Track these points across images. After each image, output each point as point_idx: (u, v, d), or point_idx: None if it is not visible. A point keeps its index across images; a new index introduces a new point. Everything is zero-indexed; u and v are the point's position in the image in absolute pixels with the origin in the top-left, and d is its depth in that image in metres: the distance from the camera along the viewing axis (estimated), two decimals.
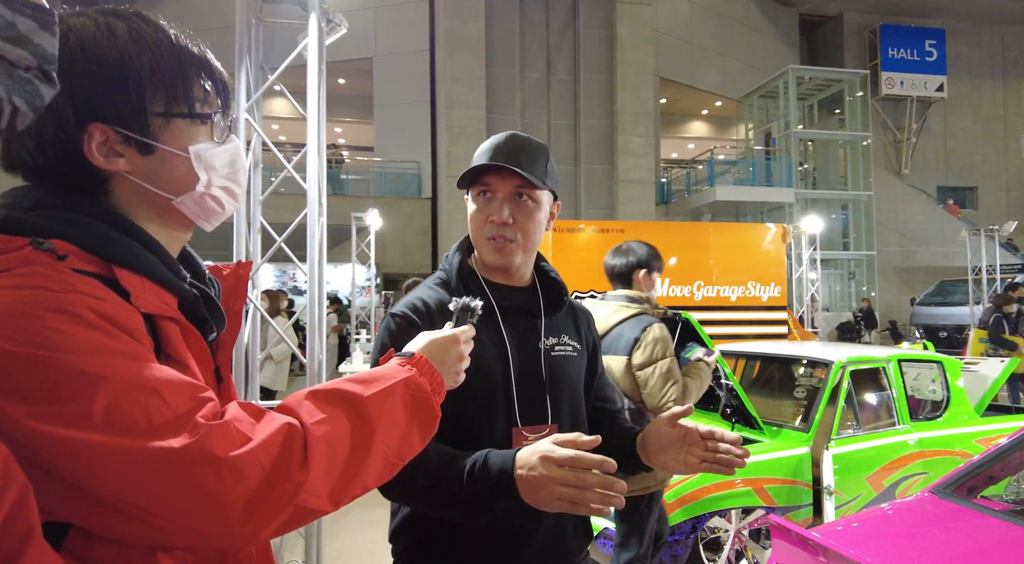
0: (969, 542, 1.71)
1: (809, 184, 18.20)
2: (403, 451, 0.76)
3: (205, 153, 0.75)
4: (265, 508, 0.61)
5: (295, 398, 0.72)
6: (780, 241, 7.20)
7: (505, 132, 1.25)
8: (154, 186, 0.73)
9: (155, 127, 0.72)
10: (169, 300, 0.72)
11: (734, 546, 3.25)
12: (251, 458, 0.61)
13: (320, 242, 2.44)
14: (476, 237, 1.22)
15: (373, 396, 0.74)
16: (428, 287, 1.24)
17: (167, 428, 0.59)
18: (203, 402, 0.63)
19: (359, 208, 9.44)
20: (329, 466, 0.66)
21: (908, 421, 3.78)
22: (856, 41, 20.92)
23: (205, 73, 0.76)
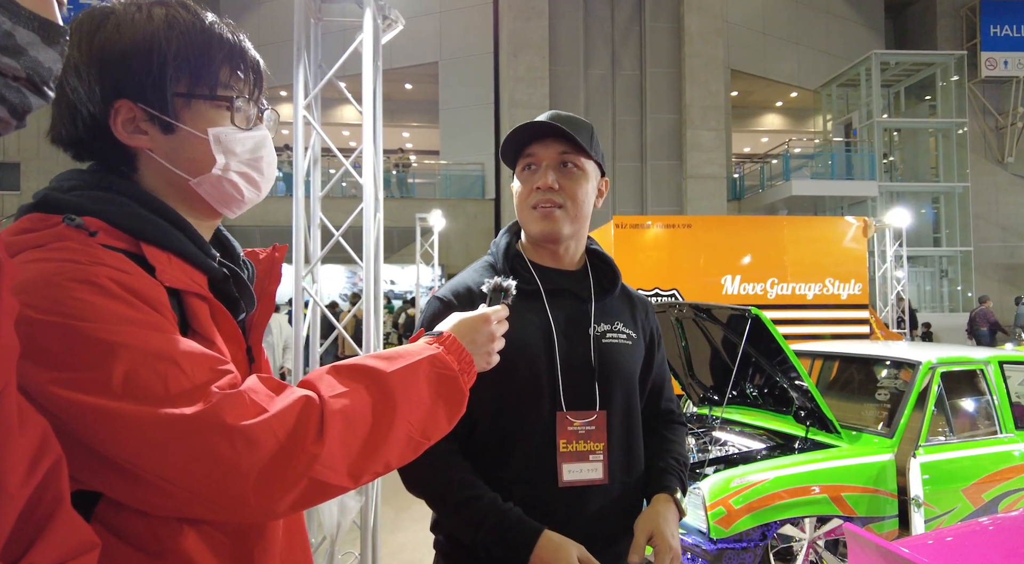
0: None
1: (894, 177, 17.04)
2: (428, 430, 0.75)
3: (225, 136, 0.76)
4: (279, 479, 0.61)
5: (317, 373, 0.72)
6: (861, 236, 6.75)
7: (553, 111, 1.23)
8: (173, 165, 0.75)
9: (176, 107, 0.74)
10: (198, 278, 0.73)
11: (808, 557, 3.04)
12: (265, 428, 0.61)
13: (376, 238, 2.46)
14: (521, 210, 1.20)
15: (396, 372, 0.73)
16: (473, 271, 1.22)
17: (183, 397, 0.60)
18: (221, 374, 0.64)
19: (426, 210, 9.64)
20: (347, 440, 0.66)
21: (1013, 430, 3.44)
22: (951, 21, 19.36)
23: (236, 59, 0.77)
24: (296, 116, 2.35)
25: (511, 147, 1.19)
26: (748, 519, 2.85)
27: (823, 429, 3.33)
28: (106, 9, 0.73)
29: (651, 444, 1.26)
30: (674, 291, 6.22)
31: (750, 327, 3.38)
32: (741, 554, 2.84)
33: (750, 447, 3.37)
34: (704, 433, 3.73)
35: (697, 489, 2.88)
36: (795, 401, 3.49)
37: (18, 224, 0.66)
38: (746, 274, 6.49)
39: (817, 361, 4.32)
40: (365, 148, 2.38)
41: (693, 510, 2.94)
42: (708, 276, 6.41)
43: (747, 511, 2.86)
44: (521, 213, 1.20)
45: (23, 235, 0.64)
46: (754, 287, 6.52)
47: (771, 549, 2.96)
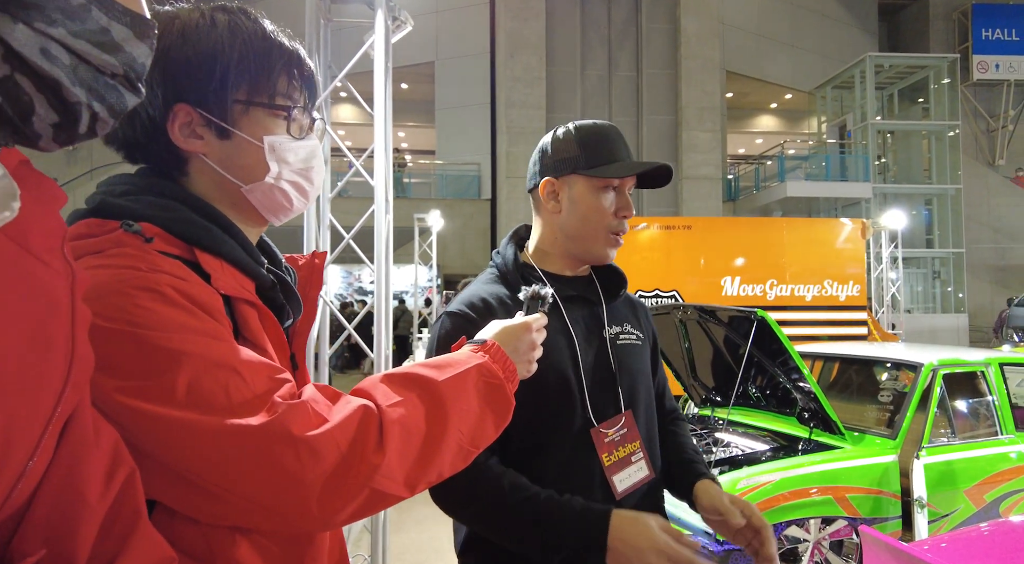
0: None
1: (888, 178, 17.16)
2: (477, 438, 0.75)
3: (279, 145, 0.76)
4: (341, 490, 0.61)
5: (370, 382, 0.72)
6: (859, 237, 6.79)
7: (603, 121, 1.22)
8: (226, 171, 0.75)
9: (234, 113, 0.74)
10: (247, 284, 0.73)
11: (813, 558, 3.06)
12: (328, 438, 0.61)
13: (387, 238, 2.46)
14: (596, 229, 1.16)
15: (447, 381, 0.73)
16: (484, 283, 1.19)
17: (245, 407, 0.59)
18: (280, 383, 0.64)
19: (421, 210, 9.62)
20: (404, 450, 0.66)
21: (1013, 431, 3.47)
22: (944, 24, 19.53)
23: (293, 68, 0.78)
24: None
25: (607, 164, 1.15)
26: None
27: (827, 430, 3.35)
28: (170, 13, 0.73)
29: (666, 441, 1.28)
30: (674, 292, 6.24)
31: (756, 329, 3.40)
32: (747, 555, 2.85)
33: (754, 448, 3.38)
34: (707, 434, 3.75)
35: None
36: (799, 402, 3.51)
37: (74, 229, 0.66)
38: (745, 275, 6.53)
39: (818, 362, 4.34)
40: (376, 149, 2.38)
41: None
42: (708, 277, 6.44)
43: None
44: (597, 232, 1.16)
45: (81, 241, 0.64)
46: (753, 288, 6.55)
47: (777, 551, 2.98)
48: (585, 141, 1.16)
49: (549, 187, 1.18)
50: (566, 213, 1.17)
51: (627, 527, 0.93)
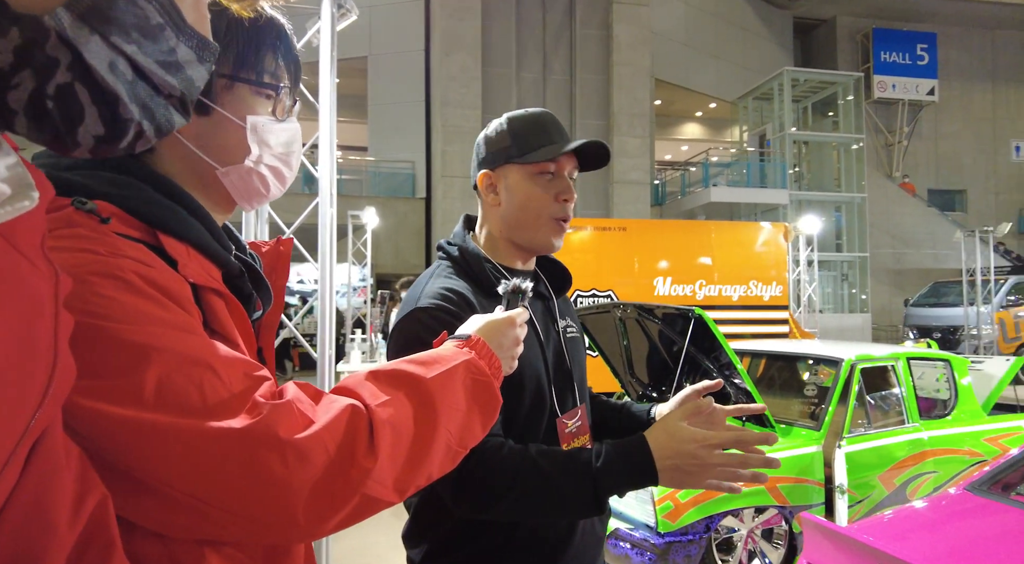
0: (1008, 537, 1.67)
1: (803, 186, 18.28)
2: (465, 438, 0.71)
3: (262, 127, 0.71)
4: (331, 497, 0.56)
5: (354, 379, 0.67)
6: (782, 241, 7.19)
7: (537, 108, 1.21)
8: (202, 151, 0.68)
9: (217, 88, 0.68)
10: (214, 272, 0.67)
11: (747, 546, 3.20)
12: (316, 441, 0.56)
13: (331, 233, 2.37)
14: (537, 216, 1.14)
15: (435, 379, 0.69)
16: (445, 277, 1.14)
17: (223, 407, 0.53)
18: (259, 380, 0.58)
19: (353, 208, 9.36)
20: (394, 452, 0.62)
21: (918, 419, 3.76)
22: (849, 44, 21.05)
23: (280, 46, 0.72)
24: None
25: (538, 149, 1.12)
26: (693, 512, 2.97)
27: (758, 424, 3.51)
28: None
29: (601, 406, 1.31)
30: (610, 292, 6.38)
31: (693, 327, 3.52)
32: (687, 546, 2.94)
33: None
34: None
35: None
36: (732, 397, 3.66)
37: None
38: (676, 276, 6.76)
39: (747, 358, 4.56)
40: (321, 141, 2.29)
41: (641, 505, 3.03)
42: (641, 278, 6.63)
43: (692, 504, 2.97)
44: (536, 219, 1.14)
45: None
46: (684, 288, 6.80)
47: (713, 540, 3.10)
48: (516, 130, 1.15)
49: (486, 180, 1.17)
50: (505, 204, 1.15)
51: (664, 441, 0.91)
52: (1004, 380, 4.41)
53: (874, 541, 1.60)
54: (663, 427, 0.93)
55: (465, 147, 14.22)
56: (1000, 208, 21.51)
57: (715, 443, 0.90)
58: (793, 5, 20.37)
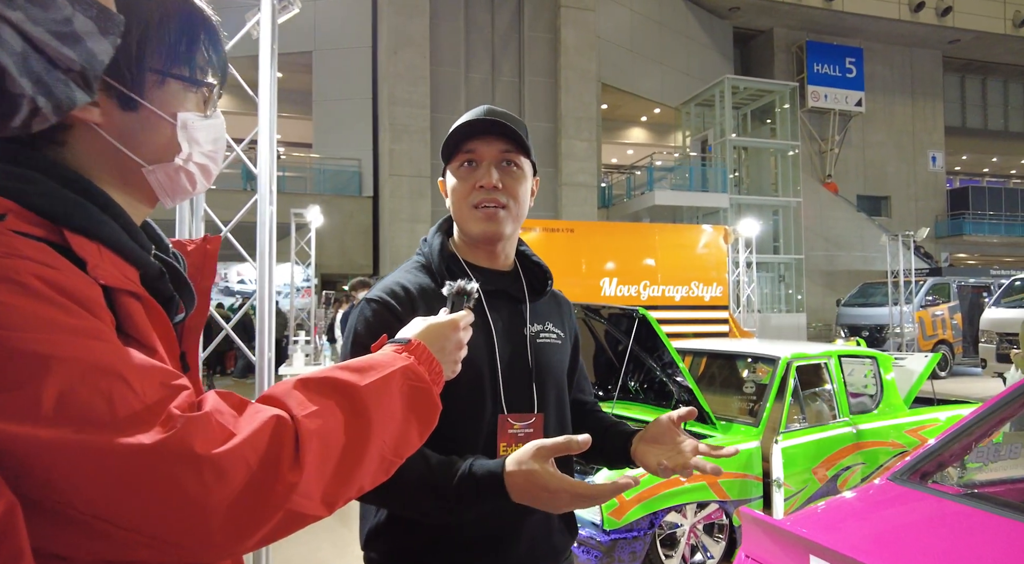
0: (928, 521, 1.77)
1: (743, 190, 18.97)
2: (400, 447, 0.69)
3: (192, 124, 0.68)
4: (251, 513, 0.53)
5: (282, 387, 0.63)
6: (722, 243, 7.43)
7: (483, 106, 1.20)
8: (127, 147, 0.64)
9: (147, 83, 0.64)
10: (130, 273, 0.62)
11: (689, 541, 3.28)
12: (236, 456, 0.52)
13: (271, 232, 2.29)
14: (460, 209, 1.15)
15: (370, 386, 0.66)
16: (407, 271, 1.15)
17: (134, 421, 0.50)
18: (176, 390, 0.54)
19: (297, 205, 9.12)
20: (322, 465, 0.59)
21: (848, 414, 3.95)
22: (785, 55, 22.02)
23: (211, 41, 0.69)
24: None
25: (450, 141, 1.15)
26: (638, 509, 3.02)
27: (700, 421, 3.61)
28: None
29: (587, 422, 1.28)
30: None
31: (637, 326, 3.59)
32: (632, 543, 2.99)
33: None
34: None
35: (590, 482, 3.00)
36: (675, 395, 3.76)
37: None
38: (622, 277, 6.89)
39: (688, 357, 4.68)
40: (261, 137, 2.21)
41: None
42: (588, 278, 6.73)
43: (636, 501, 3.03)
44: (460, 211, 1.15)
45: None
46: (629, 289, 6.93)
47: (657, 536, 3.16)
48: (448, 134, 1.16)
49: (442, 186, 1.20)
50: (448, 204, 1.19)
51: (521, 484, 0.92)
52: (923, 375, 4.69)
53: (807, 532, 1.66)
54: (524, 466, 0.92)
55: (413, 146, 14.06)
56: (920, 214, 22.96)
57: (566, 490, 0.91)
58: (733, 15, 21.14)
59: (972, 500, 1.76)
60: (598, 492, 0.91)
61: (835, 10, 20.64)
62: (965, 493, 1.89)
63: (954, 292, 13.08)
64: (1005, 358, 9.51)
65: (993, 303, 10.39)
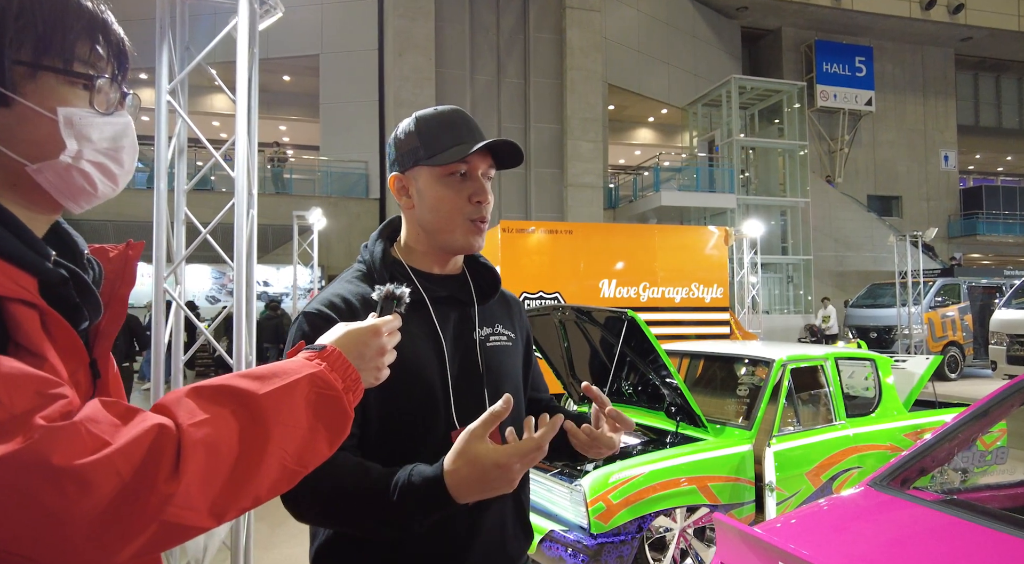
0: (901, 531, 1.73)
1: (750, 191, 18.83)
2: (305, 457, 0.67)
3: (80, 120, 0.66)
4: (121, 526, 0.52)
5: (175, 395, 0.62)
6: (723, 244, 7.37)
7: (448, 106, 1.18)
8: (6, 146, 0.63)
9: (15, 76, 0.62)
10: (25, 281, 0.61)
11: (679, 545, 3.25)
12: (105, 466, 0.51)
13: (250, 235, 2.30)
14: (450, 219, 1.12)
15: (270, 394, 0.64)
16: (347, 282, 1.12)
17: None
18: (50, 399, 0.53)
19: (304, 208, 9.17)
20: (209, 475, 0.57)
21: (844, 417, 3.90)
22: (794, 55, 21.86)
23: (97, 32, 0.67)
24: (159, 101, 2.13)
25: (450, 153, 1.10)
26: (626, 513, 2.99)
27: (692, 424, 3.58)
28: None
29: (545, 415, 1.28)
30: (557, 294, 6.41)
31: (626, 328, 3.56)
32: (620, 547, 2.97)
33: (626, 443, 3.54)
34: None
35: (579, 486, 2.98)
36: (667, 398, 3.72)
37: None
38: (621, 278, 6.85)
39: (685, 360, 4.64)
40: (238, 139, 2.21)
41: (574, 506, 3.04)
42: (588, 279, 6.69)
43: (625, 505, 3.00)
44: (450, 221, 1.12)
45: None
46: (628, 290, 6.89)
47: (646, 540, 3.13)
48: (424, 130, 1.12)
49: (398, 183, 1.15)
50: (418, 207, 1.13)
51: (466, 473, 0.89)
52: (924, 377, 4.62)
53: (778, 541, 1.64)
54: (464, 457, 0.89)
55: None
56: (932, 214, 22.69)
57: (513, 455, 0.88)
58: (740, 15, 21.01)
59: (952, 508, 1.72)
60: (541, 437, 0.89)
61: (844, 9, 20.46)
62: (945, 500, 1.85)
63: (964, 293, 12.90)
64: (1017, 360, 9.37)
65: (1003, 304, 10.23)
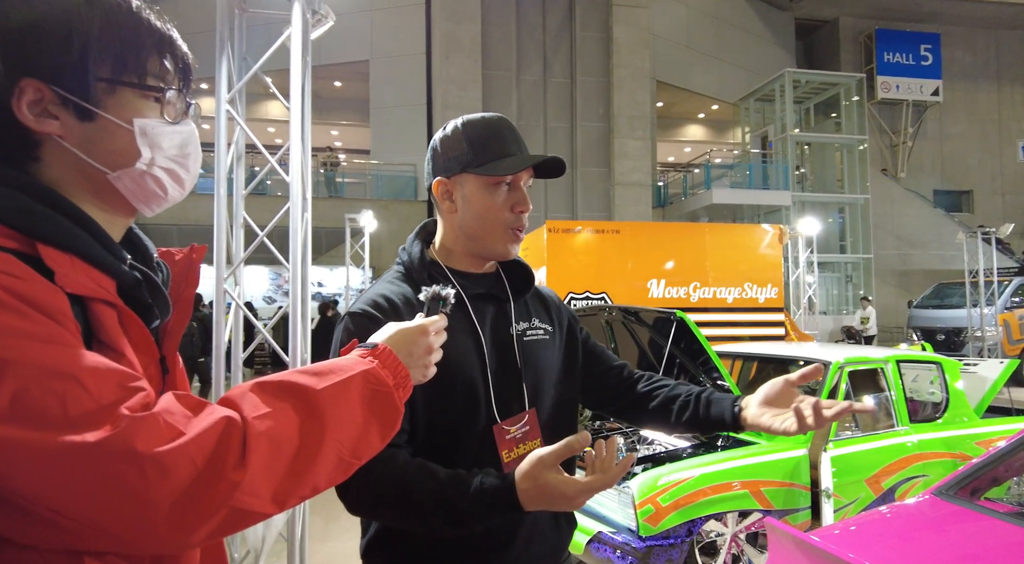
0: (970, 544, 1.65)
1: (806, 188, 18.20)
2: (359, 450, 0.71)
3: (152, 129, 0.71)
4: (196, 509, 0.56)
5: (239, 390, 0.66)
6: (777, 242, 7.15)
7: (493, 114, 1.20)
8: (89, 156, 0.68)
9: (98, 92, 0.67)
10: (105, 283, 0.66)
11: (730, 550, 3.18)
12: (181, 454, 0.56)
13: (304, 237, 2.38)
14: (492, 226, 1.15)
15: (327, 389, 0.68)
16: (388, 282, 1.17)
17: (86, 420, 0.53)
18: (132, 392, 0.57)
19: (355, 211, 9.41)
20: (272, 464, 0.61)
21: (907, 423, 3.72)
22: (852, 45, 20.97)
23: (165, 49, 0.72)
24: (219, 110, 2.23)
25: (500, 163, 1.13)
26: (675, 516, 2.95)
27: None
28: None
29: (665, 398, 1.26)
30: (604, 294, 6.36)
31: (675, 329, 3.51)
32: (669, 550, 2.92)
33: (676, 445, 3.49)
34: (632, 432, 3.83)
35: (627, 488, 2.95)
36: None
37: None
38: (670, 278, 6.74)
39: (737, 362, 4.53)
40: (292, 145, 2.29)
41: (622, 508, 3.01)
42: (635, 280, 6.61)
43: (674, 508, 2.95)
44: (493, 229, 1.15)
45: None
46: (678, 290, 6.77)
47: (696, 544, 3.07)
48: (474, 138, 1.14)
49: (442, 187, 1.17)
50: (461, 212, 1.16)
51: (533, 494, 0.93)
52: (998, 383, 4.36)
53: (835, 549, 1.58)
54: (532, 480, 0.93)
55: None
56: (1008, 209, 21.34)
57: (583, 491, 0.93)
58: (794, 6, 20.32)
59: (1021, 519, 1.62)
60: (611, 477, 0.94)
61: None
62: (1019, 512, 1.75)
63: None
64: None
65: None
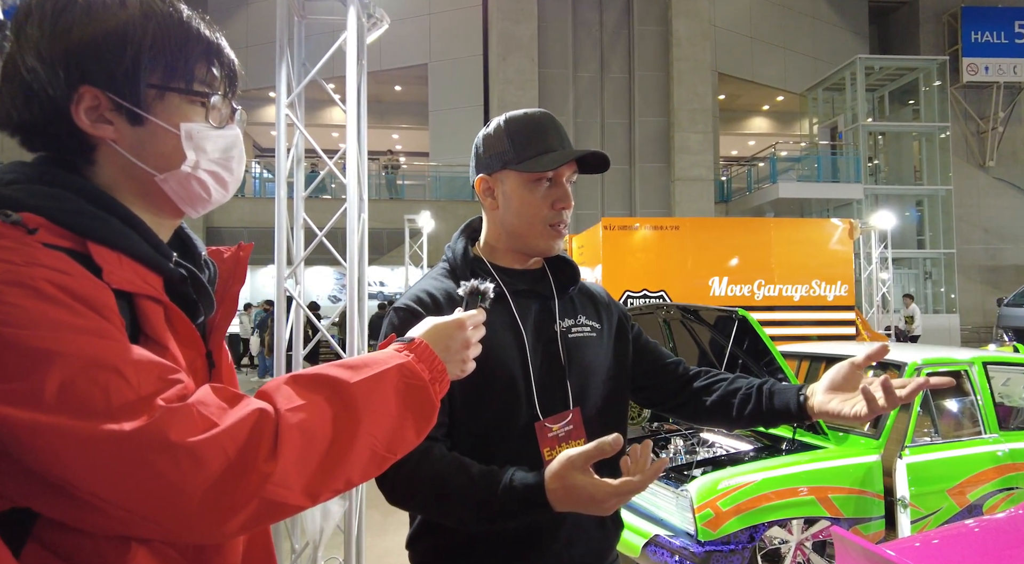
0: None
1: (879, 180, 17.23)
2: (394, 444, 0.70)
3: (197, 133, 0.74)
4: (227, 500, 0.57)
5: (275, 383, 0.68)
6: (847, 238, 6.80)
7: (537, 109, 1.19)
8: (139, 159, 0.72)
9: (148, 98, 0.71)
10: (152, 279, 0.69)
11: (795, 558, 3.04)
12: (214, 445, 0.57)
13: (361, 237, 2.43)
14: (532, 223, 1.15)
15: (361, 383, 0.68)
16: (433, 278, 1.18)
17: (126, 410, 0.55)
18: (170, 384, 0.60)
19: (415, 212, 9.61)
20: (304, 457, 0.62)
21: (997, 430, 3.46)
22: (933, 26, 19.63)
23: (213, 56, 0.75)
24: (279, 115, 2.32)
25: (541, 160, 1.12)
26: (736, 521, 2.84)
27: (810, 430, 3.33)
28: None
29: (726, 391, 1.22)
30: (662, 292, 6.22)
31: (737, 328, 3.39)
32: (729, 556, 2.83)
33: (738, 448, 3.37)
34: (692, 434, 3.73)
35: (685, 491, 2.88)
36: None
37: None
38: (733, 276, 6.52)
39: (804, 362, 4.33)
40: (348, 148, 2.35)
41: (680, 512, 2.93)
42: (696, 277, 6.43)
43: (735, 513, 2.85)
44: (532, 226, 1.15)
45: None
46: (741, 289, 6.54)
47: (759, 551, 2.96)
48: (515, 134, 1.14)
49: (484, 184, 1.18)
50: (503, 209, 1.16)
51: (562, 495, 0.92)
52: None
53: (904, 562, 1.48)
54: (560, 481, 0.92)
55: None
56: None
57: (611, 494, 0.90)
58: None
59: None
60: (642, 481, 0.90)
61: None
62: None
63: None
64: None
65: None
